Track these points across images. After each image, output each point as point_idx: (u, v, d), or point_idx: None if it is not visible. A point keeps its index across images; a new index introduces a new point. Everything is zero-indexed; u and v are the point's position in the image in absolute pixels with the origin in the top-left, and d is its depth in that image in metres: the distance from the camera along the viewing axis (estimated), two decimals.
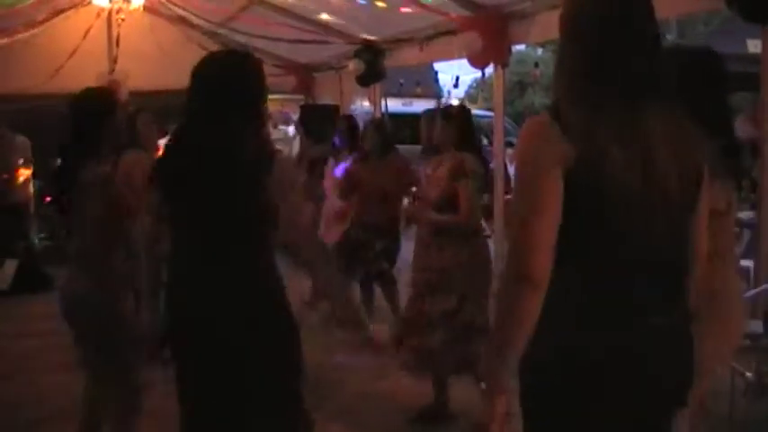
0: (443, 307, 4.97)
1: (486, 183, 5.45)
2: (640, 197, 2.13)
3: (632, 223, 2.15)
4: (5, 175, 10.23)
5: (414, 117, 16.24)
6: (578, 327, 2.19)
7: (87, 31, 10.80)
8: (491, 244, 7.74)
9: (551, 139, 2.13)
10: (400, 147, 7.70)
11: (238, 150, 2.98)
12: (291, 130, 14.50)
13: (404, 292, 5.55)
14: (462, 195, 4.92)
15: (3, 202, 10.23)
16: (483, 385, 2.24)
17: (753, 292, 5.26)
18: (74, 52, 10.61)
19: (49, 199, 11.34)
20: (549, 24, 7.25)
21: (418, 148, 7.33)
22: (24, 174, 10.32)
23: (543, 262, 2.11)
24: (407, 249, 6.12)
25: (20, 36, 10.26)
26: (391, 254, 7.24)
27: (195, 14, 10.99)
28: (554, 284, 2.14)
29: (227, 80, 3.08)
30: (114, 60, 11.17)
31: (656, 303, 2.22)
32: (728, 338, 3.03)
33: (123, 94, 11.12)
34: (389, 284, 7.37)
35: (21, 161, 10.33)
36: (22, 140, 10.38)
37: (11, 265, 9.52)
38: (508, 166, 12.12)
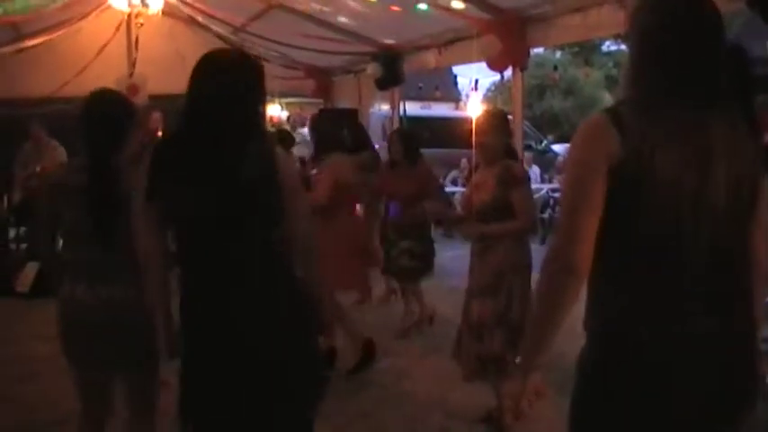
0: (495, 309, 4.96)
1: None
2: (692, 200, 2.14)
3: (682, 225, 2.15)
4: (36, 179, 10.28)
5: (431, 120, 16.35)
6: (621, 329, 2.22)
7: (108, 42, 10.86)
8: None
9: (602, 137, 2.18)
10: None
11: (238, 161, 2.93)
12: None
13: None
14: (519, 201, 4.93)
15: (32, 205, 10.28)
16: (517, 360, 2.31)
17: None
18: (95, 57, 10.67)
19: None
20: (568, 27, 7.24)
21: (436, 151, 7.43)
22: None
23: (585, 253, 2.18)
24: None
25: (40, 41, 10.34)
26: (416, 254, 7.46)
27: (214, 19, 11.04)
28: (601, 283, 2.23)
29: (227, 84, 3.05)
30: (133, 64, 11.24)
31: (702, 308, 2.21)
32: None
33: (142, 98, 11.19)
34: (409, 282, 7.72)
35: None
36: (54, 145, 10.37)
37: (32, 269, 9.58)
38: (527, 170, 12.06)
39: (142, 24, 10.53)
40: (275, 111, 14.27)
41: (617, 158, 2.14)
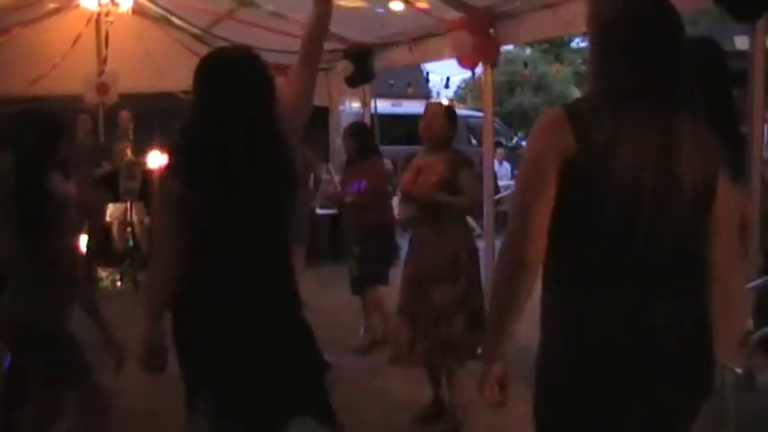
0: (453, 294, 5.01)
1: None
2: (650, 194, 2.16)
3: (638, 219, 2.17)
4: None
5: (403, 118, 16.35)
6: (581, 328, 2.23)
7: (77, 38, 10.74)
8: (481, 242, 7.77)
9: (555, 131, 2.20)
10: (390, 147, 7.78)
11: (269, 153, 2.99)
12: None
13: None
14: (467, 181, 5.06)
15: None
16: (479, 350, 2.35)
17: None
18: (65, 56, 10.57)
19: None
20: (538, 24, 7.28)
21: (408, 148, 7.40)
22: None
23: (538, 247, 2.22)
24: None
25: (7, 38, 10.23)
26: (368, 260, 7.05)
27: (183, 18, 10.96)
28: (557, 278, 2.26)
29: (243, 78, 3.07)
30: (103, 62, 11.14)
31: (661, 298, 2.23)
32: (731, 339, 2.98)
33: (113, 96, 11.11)
34: (361, 292, 7.29)
35: None
36: None
37: None
38: (497, 166, 12.12)
39: (112, 22, 10.45)
40: None
41: (570, 152, 2.16)
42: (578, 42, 35.84)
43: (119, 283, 9.94)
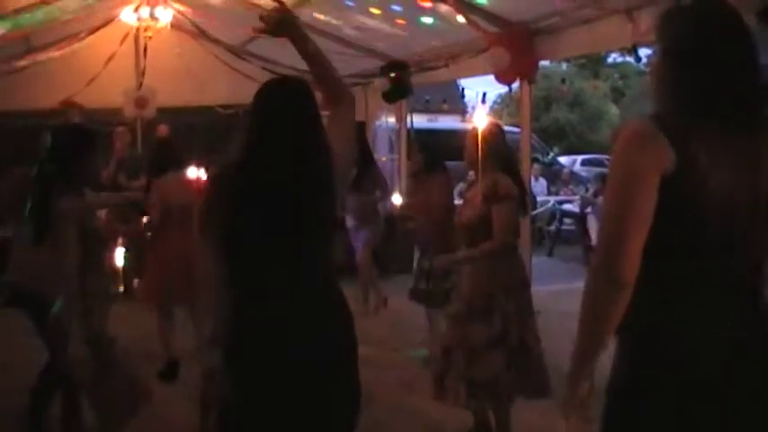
0: (487, 333, 4.81)
1: (525, 205, 5.30)
2: (743, 211, 2.15)
3: (730, 236, 2.16)
4: None
5: (438, 133, 16.35)
6: (664, 342, 2.22)
7: (115, 53, 10.84)
8: None
9: (652, 145, 2.15)
10: None
11: (323, 170, 3.05)
12: None
13: None
14: (497, 218, 4.83)
15: None
16: (566, 370, 2.31)
17: None
18: (102, 69, 10.69)
19: None
20: (576, 40, 7.25)
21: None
22: None
23: (633, 263, 2.15)
24: None
25: (51, 54, 10.36)
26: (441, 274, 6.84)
27: (221, 33, 11.03)
28: (647, 290, 2.18)
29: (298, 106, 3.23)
30: (142, 77, 11.25)
31: (743, 311, 2.24)
32: None
33: (151, 111, 11.21)
34: (431, 305, 7.14)
35: None
36: None
37: None
38: (533, 182, 12.03)
39: (150, 37, 10.54)
40: None
41: (671, 168, 2.11)
42: (615, 58, 35.71)
43: None
